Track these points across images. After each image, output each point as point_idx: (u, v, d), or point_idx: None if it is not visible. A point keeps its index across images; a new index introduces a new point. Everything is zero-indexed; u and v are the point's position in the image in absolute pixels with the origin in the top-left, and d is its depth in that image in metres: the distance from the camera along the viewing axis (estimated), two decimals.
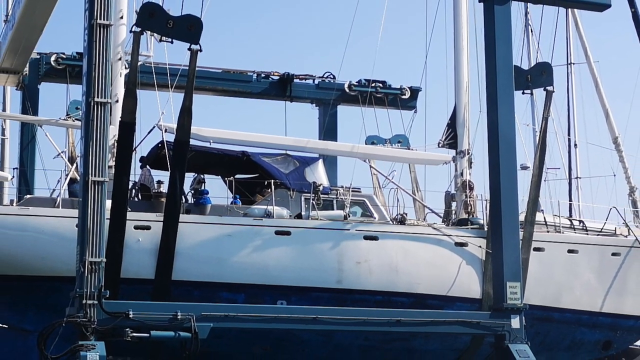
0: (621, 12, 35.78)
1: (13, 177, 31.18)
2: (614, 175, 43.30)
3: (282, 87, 35.07)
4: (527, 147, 47.26)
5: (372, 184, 31.90)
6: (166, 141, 26.57)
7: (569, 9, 38.85)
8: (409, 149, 32.11)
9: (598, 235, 30.88)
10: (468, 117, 30.76)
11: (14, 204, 26.44)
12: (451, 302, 27.33)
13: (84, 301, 21.72)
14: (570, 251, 29.58)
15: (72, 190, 26.62)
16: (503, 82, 26.47)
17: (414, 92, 36.02)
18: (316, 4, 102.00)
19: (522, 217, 27.33)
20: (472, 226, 28.80)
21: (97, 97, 22.21)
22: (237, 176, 28.66)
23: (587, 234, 30.79)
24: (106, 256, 22.24)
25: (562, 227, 30.55)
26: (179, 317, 22.73)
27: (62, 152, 29.09)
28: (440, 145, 31.04)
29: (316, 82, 35.64)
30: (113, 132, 24.98)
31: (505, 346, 25.37)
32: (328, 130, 35.13)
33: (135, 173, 26.98)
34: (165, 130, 26.63)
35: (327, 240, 26.55)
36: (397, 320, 25.15)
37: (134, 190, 26.86)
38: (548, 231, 29.77)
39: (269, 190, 27.20)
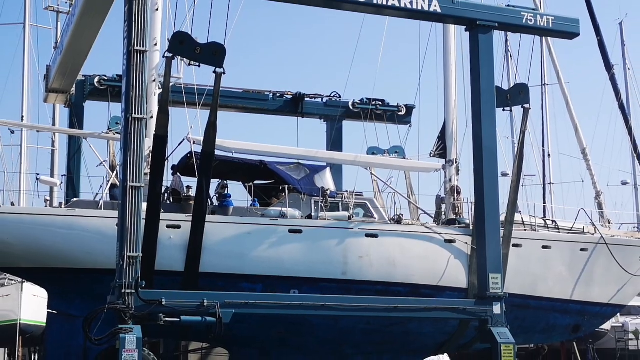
0: (589, 40, 35.89)
1: (62, 182, 31.22)
2: (582, 181, 43.35)
3: (294, 105, 34.94)
4: (507, 157, 47.36)
5: (373, 189, 31.80)
6: (194, 152, 26.50)
7: (543, 37, 38.71)
8: (404, 158, 32.02)
9: (568, 233, 30.76)
10: (456, 130, 30.72)
11: (63, 206, 26.45)
12: (441, 291, 27.22)
13: (123, 290, 21.76)
14: (544, 247, 29.48)
15: (113, 194, 26.59)
16: (486, 101, 26.41)
17: (409, 109, 35.87)
18: (324, 33, 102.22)
19: (502, 218, 27.24)
20: (459, 225, 28.72)
21: (135, 113, 22.22)
22: (256, 182, 28.62)
23: (559, 232, 30.67)
24: (142, 251, 22.25)
25: (538, 226, 30.41)
26: (205, 304, 22.69)
27: (104, 161, 29.06)
28: (431, 155, 30.99)
29: (324, 100, 35.51)
30: (148, 144, 24.95)
31: (488, 329, 25.30)
32: (334, 142, 35.03)
33: (168, 179, 26.98)
34: (194, 142, 26.56)
35: (334, 237, 26.47)
36: (394, 307, 25.13)
37: (166, 194, 26.83)
38: (525, 230, 29.65)
39: (283, 194, 27.17)
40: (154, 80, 27.60)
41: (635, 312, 51.06)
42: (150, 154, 24.77)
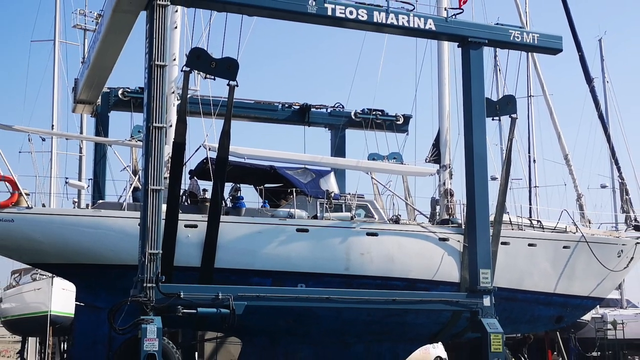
0: (571, 55, 35.88)
1: (88, 186, 31.32)
2: (565, 185, 43.02)
3: (301, 115, 34.95)
4: (496, 162, 46.95)
5: (373, 192, 31.77)
6: (210, 158, 26.50)
7: (529, 53, 38.67)
8: (402, 163, 31.99)
9: (552, 232, 30.74)
10: (449, 138, 30.67)
11: (89, 208, 26.47)
12: (436, 285, 27.19)
13: (144, 284, 21.78)
14: (530, 245, 29.46)
15: (135, 196, 26.60)
16: (477, 111, 26.37)
17: (407, 118, 35.86)
18: (329, 49, 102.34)
19: (492, 218, 27.22)
20: (452, 225, 28.68)
21: (155, 122, 22.25)
22: (266, 185, 28.61)
23: (544, 231, 30.64)
24: (162, 249, 22.26)
25: (524, 225, 30.41)
26: (220, 297, 22.68)
27: (127, 166, 29.10)
28: (427, 161, 30.94)
29: (329, 110, 35.50)
30: (167, 150, 24.97)
31: (479, 320, 25.25)
32: (338, 149, 35.05)
33: (185, 183, 27.00)
34: (209, 149, 26.55)
35: (337, 236, 26.46)
36: (393, 300, 25.09)
37: (184, 197, 26.83)
38: (512, 229, 29.62)
39: (291, 196, 27.18)
40: (173, 92, 27.65)
41: (614, 304, 51.10)
42: (170, 160, 24.76)
